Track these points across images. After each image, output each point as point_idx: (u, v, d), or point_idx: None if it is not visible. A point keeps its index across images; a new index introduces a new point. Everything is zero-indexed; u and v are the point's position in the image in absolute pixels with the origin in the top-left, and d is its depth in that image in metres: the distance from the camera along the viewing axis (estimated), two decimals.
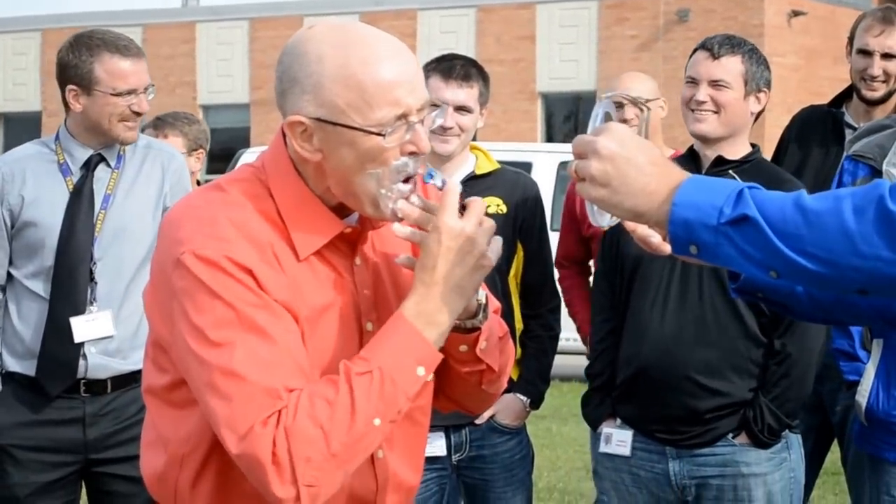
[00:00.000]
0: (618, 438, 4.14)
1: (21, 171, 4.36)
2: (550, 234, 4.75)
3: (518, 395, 4.53)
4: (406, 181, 2.34)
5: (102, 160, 4.38)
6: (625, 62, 25.23)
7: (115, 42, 4.31)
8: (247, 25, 29.36)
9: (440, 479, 4.47)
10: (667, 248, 2.36)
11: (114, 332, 4.30)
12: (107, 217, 4.34)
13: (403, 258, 2.37)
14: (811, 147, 5.31)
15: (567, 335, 5.60)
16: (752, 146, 4.18)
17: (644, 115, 5.21)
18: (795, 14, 25.60)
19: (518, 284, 4.60)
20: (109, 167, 4.39)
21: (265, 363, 2.22)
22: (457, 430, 4.48)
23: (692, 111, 4.11)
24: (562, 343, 5.01)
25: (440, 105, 2.44)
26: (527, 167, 11.68)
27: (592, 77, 26.19)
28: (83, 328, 4.28)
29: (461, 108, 4.44)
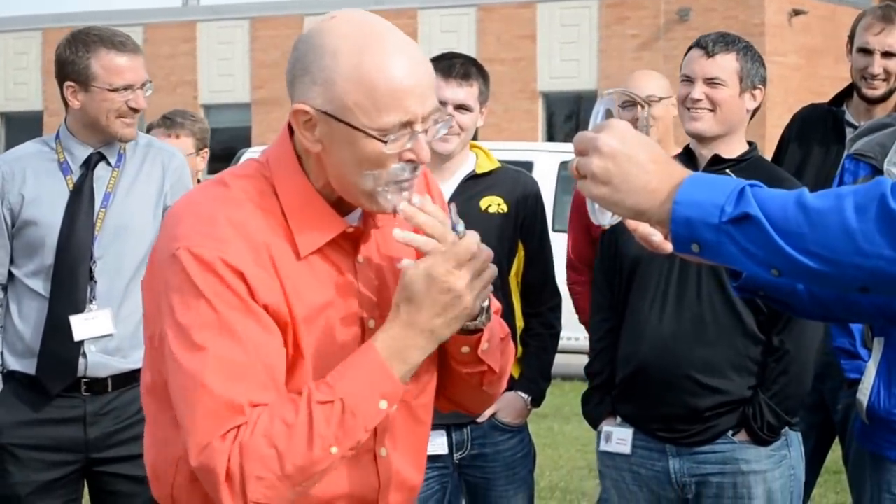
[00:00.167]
0: (618, 437, 4.14)
1: (21, 170, 4.36)
2: (552, 234, 4.75)
3: (519, 394, 4.53)
4: (402, 185, 2.34)
5: (103, 158, 4.38)
6: (626, 61, 25.25)
7: (112, 38, 4.32)
8: (247, 25, 29.37)
9: (442, 478, 4.47)
10: (668, 247, 2.35)
11: (113, 331, 4.30)
12: (107, 215, 4.33)
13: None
14: (812, 146, 5.31)
15: (568, 334, 5.60)
16: (749, 144, 4.17)
17: (644, 113, 5.20)
18: (796, 13, 25.61)
19: (519, 283, 4.60)
20: (110, 166, 4.39)
21: (234, 374, 2.24)
22: (458, 429, 4.47)
23: (688, 109, 4.10)
24: (563, 342, 5.01)
25: (448, 115, 2.43)
26: (528, 166, 11.67)
27: (594, 76, 26.19)
28: (83, 326, 4.28)
29: (461, 107, 4.44)
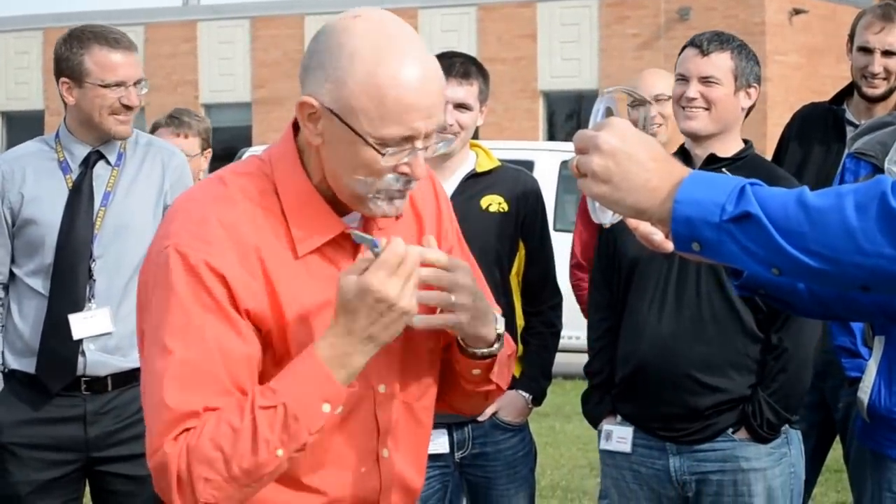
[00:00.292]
0: (618, 435, 4.14)
1: (21, 169, 4.37)
2: (552, 233, 4.75)
3: (520, 392, 4.52)
4: (392, 195, 2.35)
5: (102, 157, 4.38)
6: (626, 61, 25.25)
7: (106, 35, 4.33)
8: (248, 24, 29.36)
9: (443, 477, 4.47)
10: (669, 246, 2.35)
11: (112, 329, 4.30)
12: (107, 214, 4.34)
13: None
14: (812, 144, 5.30)
15: (569, 333, 5.59)
16: (745, 142, 4.16)
17: (645, 111, 5.20)
18: (797, 12, 25.60)
19: (519, 282, 4.60)
20: (109, 165, 4.39)
21: (194, 380, 2.27)
22: (459, 428, 4.47)
23: (683, 108, 4.09)
24: (564, 341, 5.00)
25: (450, 136, 2.44)
26: (529, 166, 11.66)
27: (594, 75, 26.18)
28: (81, 325, 4.28)
29: (460, 106, 4.44)
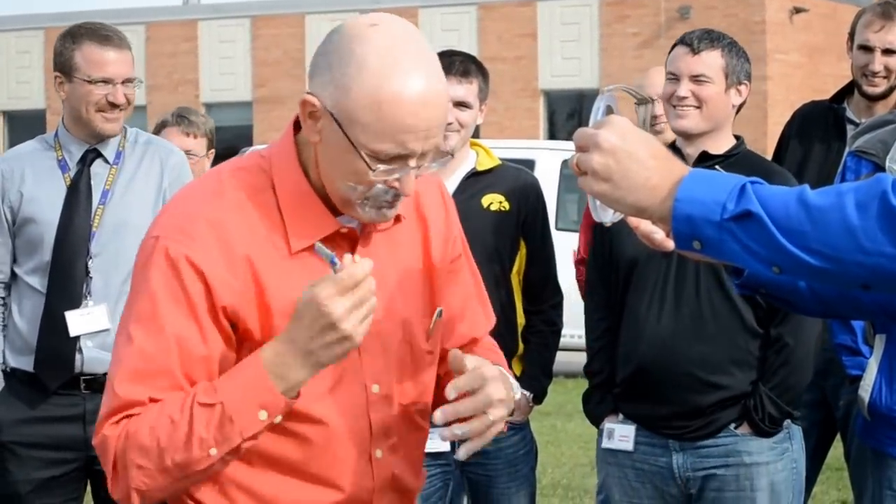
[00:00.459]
0: (620, 433, 4.14)
1: (20, 168, 4.37)
2: (554, 232, 4.75)
3: (521, 391, 4.51)
4: (380, 204, 2.35)
5: (99, 156, 4.39)
6: (627, 59, 25.25)
7: (99, 31, 4.34)
8: (249, 23, 29.37)
9: (444, 475, 4.47)
10: (670, 244, 2.34)
11: (109, 326, 4.29)
12: (105, 212, 4.34)
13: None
14: (812, 143, 5.30)
15: (570, 331, 5.58)
16: (736, 138, 4.15)
17: (645, 110, 5.19)
18: (797, 11, 25.60)
19: (520, 281, 4.59)
20: (108, 163, 4.39)
21: (147, 371, 2.29)
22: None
23: (674, 107, 4.08)
24: (565, 339, 5.00)
25: (445, 159, 2.45)
26: (530, 165, 11.66)
27: (595, 74, 26.18)
28: (78, 322, 4.28)
29: (460, 104, 4.43)
